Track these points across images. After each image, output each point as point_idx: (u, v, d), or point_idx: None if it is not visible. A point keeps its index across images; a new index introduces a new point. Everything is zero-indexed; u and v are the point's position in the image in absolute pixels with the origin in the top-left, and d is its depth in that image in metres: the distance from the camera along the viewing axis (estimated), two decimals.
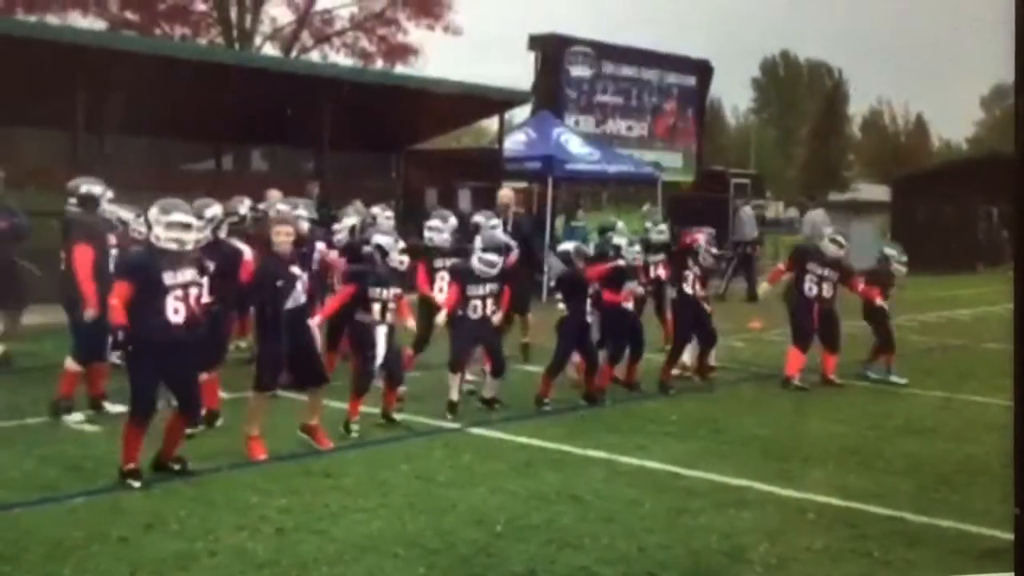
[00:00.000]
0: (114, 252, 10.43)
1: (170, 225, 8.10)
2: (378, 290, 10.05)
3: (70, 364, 10.26)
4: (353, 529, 7.30)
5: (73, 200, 10.55)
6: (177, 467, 8.41)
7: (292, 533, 7.18)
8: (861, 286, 13.59)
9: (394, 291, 10.13)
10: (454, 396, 10.98)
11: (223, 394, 10.48)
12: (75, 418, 10.11)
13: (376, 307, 10.03)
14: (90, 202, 10.47)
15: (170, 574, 6.45)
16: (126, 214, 11.04)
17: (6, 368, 12.20)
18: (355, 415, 10.00)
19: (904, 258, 14.23)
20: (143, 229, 9.14)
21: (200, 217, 8.75)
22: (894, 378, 13.66)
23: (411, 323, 10.52)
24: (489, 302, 11.08)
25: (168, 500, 7.78)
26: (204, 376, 9.69)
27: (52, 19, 31.87)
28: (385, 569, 6.63)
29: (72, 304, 10.19)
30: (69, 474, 8.41)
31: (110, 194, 10.63)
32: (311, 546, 6.95)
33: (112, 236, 10.63)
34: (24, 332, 12.79)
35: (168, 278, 8.06)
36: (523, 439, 10.06)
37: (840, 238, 13.68)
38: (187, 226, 8.20)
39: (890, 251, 14.15)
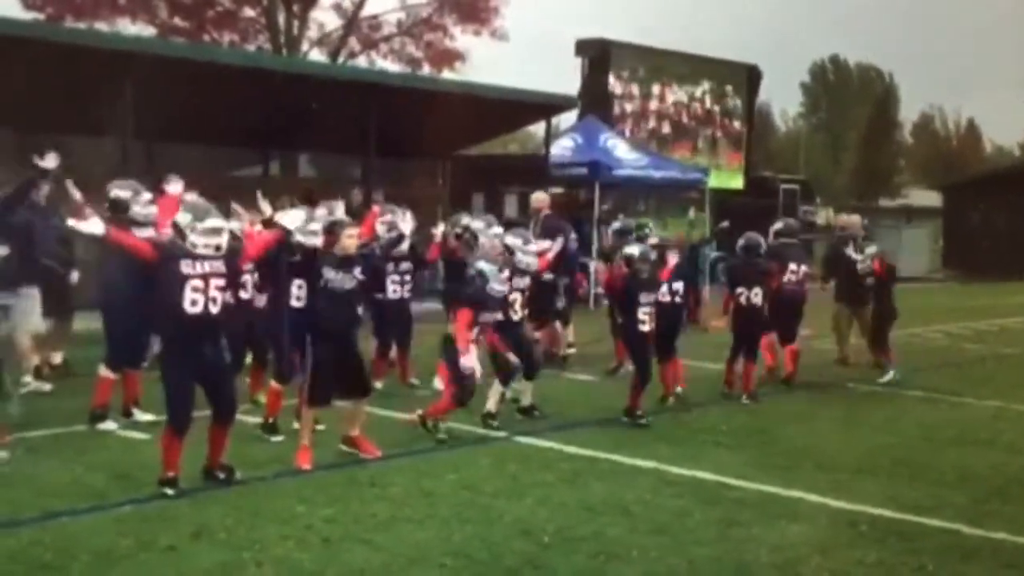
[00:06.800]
0: None
1: (207, 231, 8.08)
2: (486, 315, 10.33)
3: (104, 372, 10.29)
4: (400, 539, 7.26)
5: (106, 205, 10.58)
6: (222, 475, 8.42)
7: (339, 543, 7.15)
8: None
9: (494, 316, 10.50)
10: (492, 407, 10.91)
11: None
12: (109, 426, 10.14)
13: (475, 330, 10.23)
14: (120, 206, 10.44)
15: None
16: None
17: (65, 375, 12.24)
18: (441, 417, 10.18)
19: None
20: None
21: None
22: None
23: (513, 358, 10.74)
24: (521, 302, 11.06)
25: (215, 509, 7.77)
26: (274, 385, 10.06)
27: (101, 26, 32.11)
28: None
29: (108, 310, 10.21)
30: (117, 482, 8.41)
31: (147, 195, 10.54)
32: (358, 556, 6.92)
33: None
34: (72, 338, 12.84)
35: (186, 267, 8.03)
36: (571, 448, 9.98)
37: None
38: (221, 231, 8.18)
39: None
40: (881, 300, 14.45)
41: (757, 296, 12.70)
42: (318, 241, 9.55)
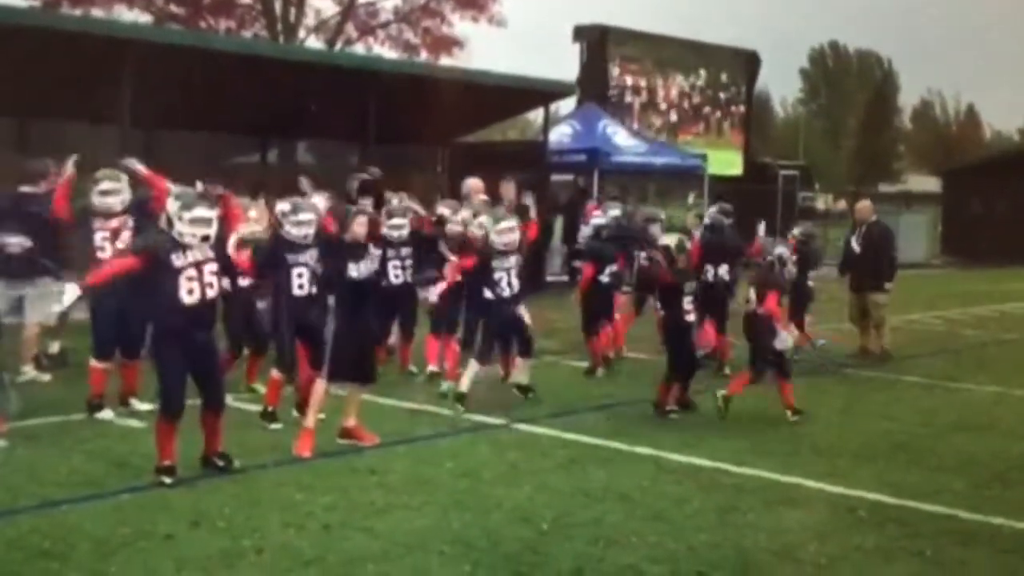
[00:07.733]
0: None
1: (194, 221, 8.04)
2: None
3: (94, 362, 10.28)
4: (399, 526, 7.27)
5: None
6: (221, 463, 8.41)
7: (338, 530, 7.15)
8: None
9: None
10: (465, 387, 10.92)
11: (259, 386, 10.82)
12: (106, 415, 10.13)
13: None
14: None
15: (217, 571, 6.43)
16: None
17: (63, 364, 12.23)
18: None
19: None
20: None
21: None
22: None
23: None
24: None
25: (214, 497, 7.78)
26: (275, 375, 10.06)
27: (97, 12, 32.09)
28: (431, 566, 6.59)
29: (94, 299, 10.18)
30: (116, 470, 8.42)
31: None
32: (357, 543, 6.92)
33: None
34: (70, 327, 12.83)
35: (178, 260, 7.99)
36: (569, 435, 9.98)
37: None
38: (209, 221, 8.13)
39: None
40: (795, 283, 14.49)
41: (725, 273, 13.07)
42: (310, 230, 9.68)
